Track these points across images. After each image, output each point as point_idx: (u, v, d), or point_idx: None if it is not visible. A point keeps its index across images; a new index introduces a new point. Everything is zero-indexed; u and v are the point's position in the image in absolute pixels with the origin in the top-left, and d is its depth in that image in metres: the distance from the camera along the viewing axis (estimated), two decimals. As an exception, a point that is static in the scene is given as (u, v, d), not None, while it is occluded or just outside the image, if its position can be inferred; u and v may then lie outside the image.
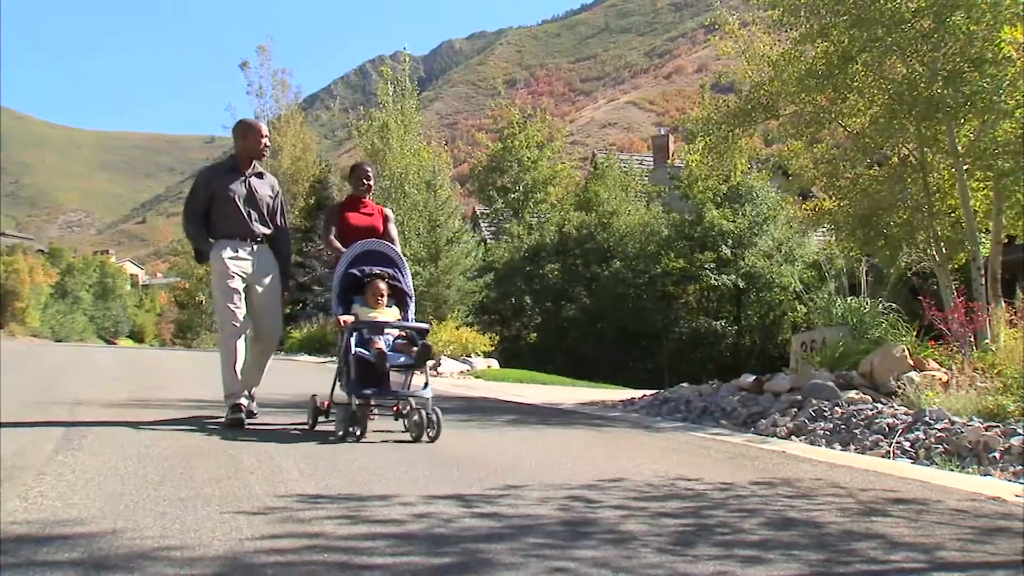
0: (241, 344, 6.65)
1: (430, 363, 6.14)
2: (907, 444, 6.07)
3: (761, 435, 7.12)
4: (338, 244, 6.87)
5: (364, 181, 7.27)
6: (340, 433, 5.80)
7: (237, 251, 6.77)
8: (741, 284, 27.56)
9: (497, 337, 23.55)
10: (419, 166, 26.36)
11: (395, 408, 6.72)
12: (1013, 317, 8.48)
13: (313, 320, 32.04)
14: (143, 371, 14.38)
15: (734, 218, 27.94)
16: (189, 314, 54.21)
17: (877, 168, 11.28)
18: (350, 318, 6.24)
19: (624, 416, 9.00)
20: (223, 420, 6.53)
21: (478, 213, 38.97)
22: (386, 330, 6.33)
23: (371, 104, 33.31)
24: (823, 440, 6.67)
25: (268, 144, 7.12)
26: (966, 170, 10.01)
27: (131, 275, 77.89)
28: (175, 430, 6.16)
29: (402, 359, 6.28)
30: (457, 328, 21.99)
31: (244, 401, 6.72)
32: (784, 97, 11.08)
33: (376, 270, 6.46)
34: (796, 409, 7.54)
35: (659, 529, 3.38)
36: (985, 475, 5.31)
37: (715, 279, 27.53)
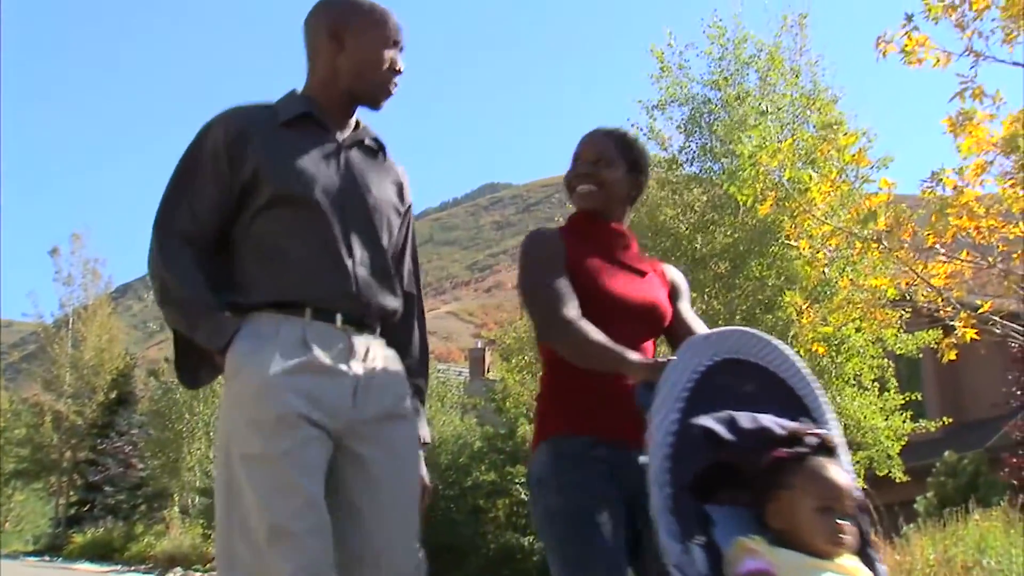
0: None
1: None
2: None
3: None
4: (605, 341, 2.33)
5: (586, 175, 2.61)
6: None
7: (312, 353, 2.19)
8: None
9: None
10: (231, 365, 25.73)
11: None
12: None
13: (100, 524, 29.72)
14: None
15: (546, 434, 28.42)
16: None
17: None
18: None
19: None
20: None
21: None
22: None
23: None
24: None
25: (401, 61, 2.43)
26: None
27: None
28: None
29: None
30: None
31: None
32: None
33: (798, 428, 2.12)
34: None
35: None
36: None
37: (525, 494, 27.56)
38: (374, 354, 2.30)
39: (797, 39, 12.31)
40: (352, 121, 2.43)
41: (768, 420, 2.10)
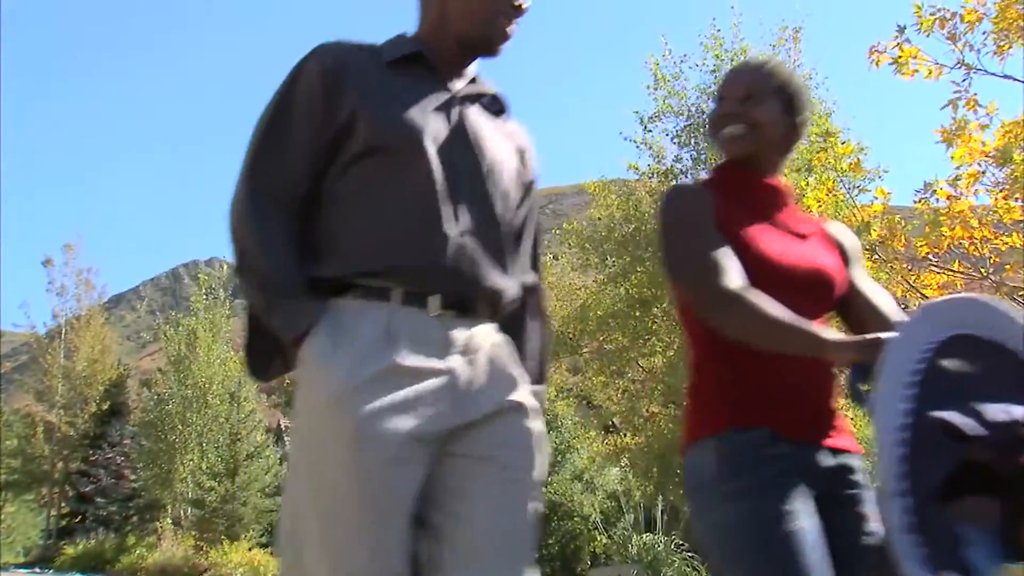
0: None
1: None
2: None
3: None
4: (791, 316, 1.84)
5: (734, 115, 2.10)
6: None
7: (399, 352, 1.74)
8: (544, 511, 27.70)
9: (292, 560, 22.46)
10: (224, 376, 25.78)
11: None
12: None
13: (92, 535, 29.62)
14: None
15: (539, 445, 28.45)
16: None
17: (673, 407, 11.89)
18: None
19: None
20: None
21: (282, 427, 37.98)
22: None
23: (181, 308, 32.71)
24: None
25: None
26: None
27: None
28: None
29: None
30: (250, 550, 20.94)
31: None
32: (587, 335, 11.70)
33: None
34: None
35: None
36: None
37: (518, 505, 27.59)
38: (479, 343, 1.83)
39: (791, 53, 12.40)
40: (469, 73, 2.01)
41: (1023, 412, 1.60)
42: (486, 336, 1.85)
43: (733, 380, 1.99)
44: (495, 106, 2.03)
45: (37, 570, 28.90)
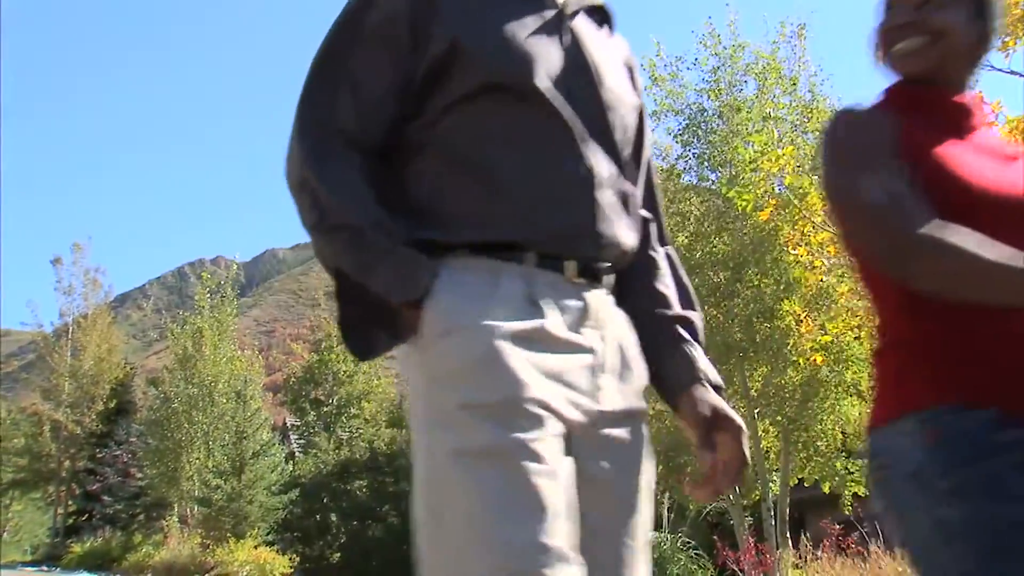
0: None
1: None
2: None
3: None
4: (1008, 256, 1.41)
5: (911, 25, 1.66)
6: None
7: (544, 316, 1.43)
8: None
9: (298, 558, 22.51)
10: (231, 374, 25.86)
11: None
12: (798, 560, 8.86)
13: (99, 533, 29.71)
14: None
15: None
16: None
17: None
18: None
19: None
20: None
21: (288, 425, 38.07)
22: None
23: (187, 307, 32.78)
24: None
25: None
26: (758, 413, 10.68)
27: None
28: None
29: None
30: (256, 548, 20.99)
31: None
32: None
33: None
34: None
35: None
36: None
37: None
38: (607, 318, 1.54)
39: (796, 50, 12.35)
40: None
41: None
42: (611, 310, 1.56)
43: (945, 340, 1.55)
44: (597, 16, 1.68)
45: (44, 568, 28.99)
